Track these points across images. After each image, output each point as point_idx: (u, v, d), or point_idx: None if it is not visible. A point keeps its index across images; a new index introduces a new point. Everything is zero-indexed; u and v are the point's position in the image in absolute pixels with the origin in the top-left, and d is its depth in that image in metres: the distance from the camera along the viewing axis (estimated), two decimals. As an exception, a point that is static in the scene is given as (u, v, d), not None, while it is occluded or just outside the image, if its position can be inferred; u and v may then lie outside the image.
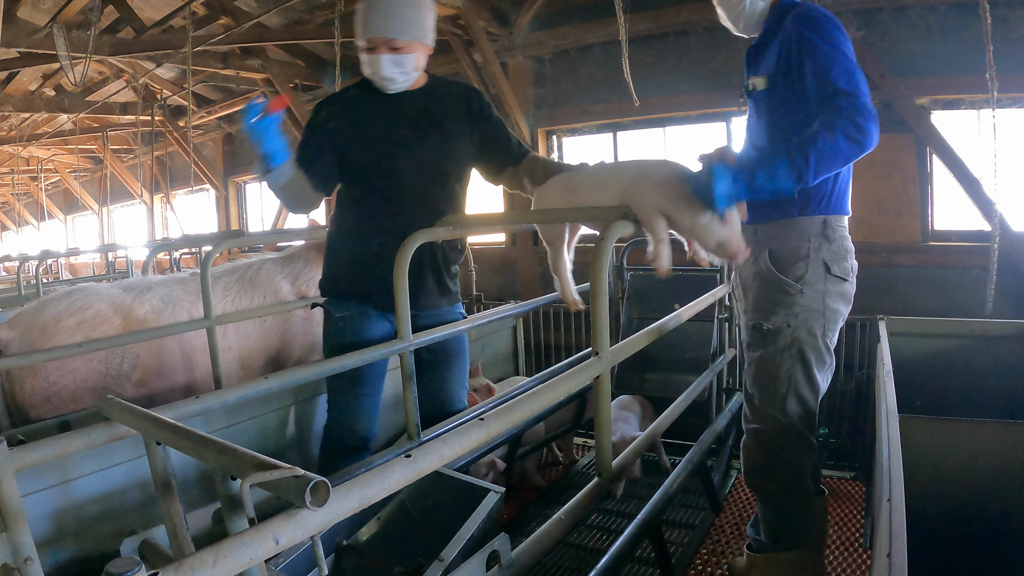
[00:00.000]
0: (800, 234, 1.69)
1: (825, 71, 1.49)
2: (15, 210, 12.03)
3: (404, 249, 1.78)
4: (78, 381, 2.29)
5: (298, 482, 0.70)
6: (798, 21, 1.57)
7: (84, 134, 8.20)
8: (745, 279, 1.84)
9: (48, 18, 4.67)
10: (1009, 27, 3.45)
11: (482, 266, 5.32)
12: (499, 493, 1.48)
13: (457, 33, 4.88)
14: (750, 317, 1.79)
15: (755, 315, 1.77)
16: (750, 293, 1.81)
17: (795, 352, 1.72)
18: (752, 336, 1.79)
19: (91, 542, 1.63)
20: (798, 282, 1.69)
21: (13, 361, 2.06)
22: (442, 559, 1.28)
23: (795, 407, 1.74)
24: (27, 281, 4.54)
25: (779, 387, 1.74)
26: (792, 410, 1.74)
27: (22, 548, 0.98)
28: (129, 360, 2.40)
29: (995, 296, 2.93)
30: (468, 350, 2.12)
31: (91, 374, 2.32)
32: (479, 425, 0.99)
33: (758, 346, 1.77)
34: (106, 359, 2.35)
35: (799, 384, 1.74)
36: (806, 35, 1.54)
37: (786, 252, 1.70)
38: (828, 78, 1.48)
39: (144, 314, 2.47)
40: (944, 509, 1.60)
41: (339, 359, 1.67)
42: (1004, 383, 2.20)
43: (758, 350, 1.77)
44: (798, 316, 1.70)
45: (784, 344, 1.72)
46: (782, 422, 1.75)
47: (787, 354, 1.72)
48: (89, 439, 1.15)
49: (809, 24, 1.55)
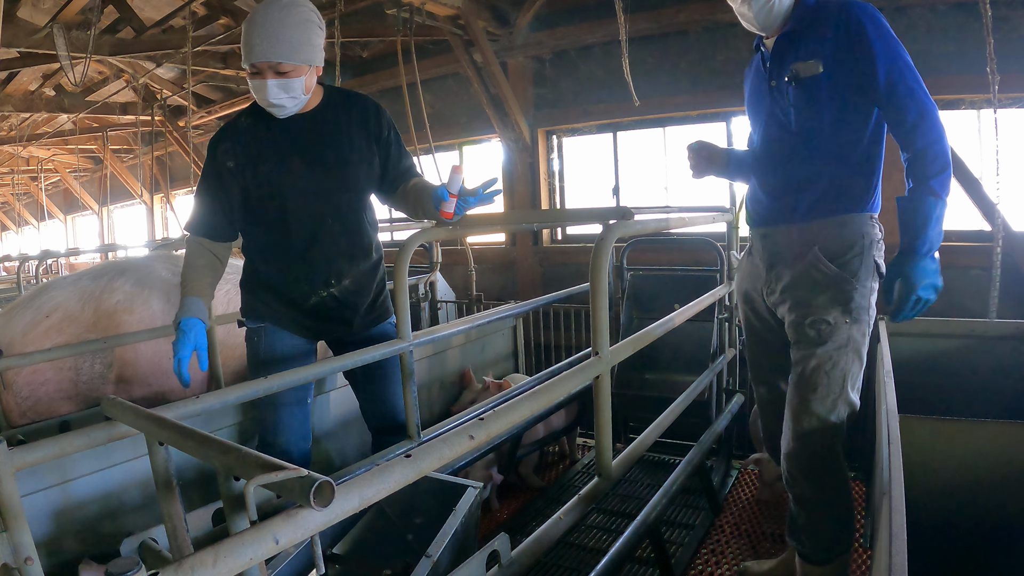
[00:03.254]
0: (854, 231, 1.65)
1: (899, 68, 1.50)
2: (15, 210, 12.03)
3: (404, 250, 1.79)
4: (52, 391, 2.23)
5: (303, 482, 0.70)
6: (854, 8, 1.56)
7: (84, 134, 8.20)
8: (791, 277, 1.73)
9: (48, 18, 4.67)
10: (1009, 27, 3.46)
11: (482, 266, 5.32)
12: (477, 488, 1.48)
13: (457, 33, 4.88)
14: (800, 315, 1.69)
15: (808, 312, 1.68)
16: (796, 292, 1.71)
17: (851, 351, 1.65)
18: (803, 334, 1.69)
19: (91, 542, 1.63)
20: (853, 279, 1.64)
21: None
22: (429, 555, 1.29)
23: (844, 408, 1.67)
24: (27, 281, 4.53)
25: (832, 387, 1.65)
26: (842, 411, 1.67)
27: (22, 548, 0.98)
28: (102, 360, 2.30)
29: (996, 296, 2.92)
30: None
31: (64, 382, 2.25)
32: (479, 425, 0.99)
33: (811, 344, 1.67)
34: (75, 365, 2.26)
35: (854, 383, 1.67)
36: (867, 25, 1.53)
37: (841, 249, 1.65)
38: (902, 75, 1.50)
39: (115, 304, 2.35)
40: (944, 509, 1.60)
41: (338, 359, 1.66)
42: (1004, 383, 2.20)
43: (811, 348, 1.67)
44: (852, 313, 1.64)
45: (841, 342, 1.65)
46: (833, 424, 1.66)
47: (843, 352, 1.65)
48: (89, 439, 1.15)
49: (868, 15, 1.54)
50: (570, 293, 3.01)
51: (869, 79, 1.53)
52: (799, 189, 1.69)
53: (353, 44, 5.75)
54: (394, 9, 4.24)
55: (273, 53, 1.56)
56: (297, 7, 1.59)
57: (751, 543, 2.35)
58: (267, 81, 1.59)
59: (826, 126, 1.63)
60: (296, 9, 1.58)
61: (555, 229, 5.52)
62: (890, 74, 1.50)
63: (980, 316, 2.50)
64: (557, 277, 5.26)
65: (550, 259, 5.47)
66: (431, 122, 4.86)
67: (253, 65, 1.59)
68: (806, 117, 1.65)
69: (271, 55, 1.56)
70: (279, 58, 1.57)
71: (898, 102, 1.50)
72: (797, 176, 1.69)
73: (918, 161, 1.49)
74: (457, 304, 4.30)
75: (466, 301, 4.27)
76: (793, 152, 1.70)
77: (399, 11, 4.26)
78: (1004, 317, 2.58)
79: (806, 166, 1.68)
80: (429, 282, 4.09)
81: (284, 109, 1.66)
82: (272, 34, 1.56)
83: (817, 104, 1.62)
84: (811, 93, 1.61)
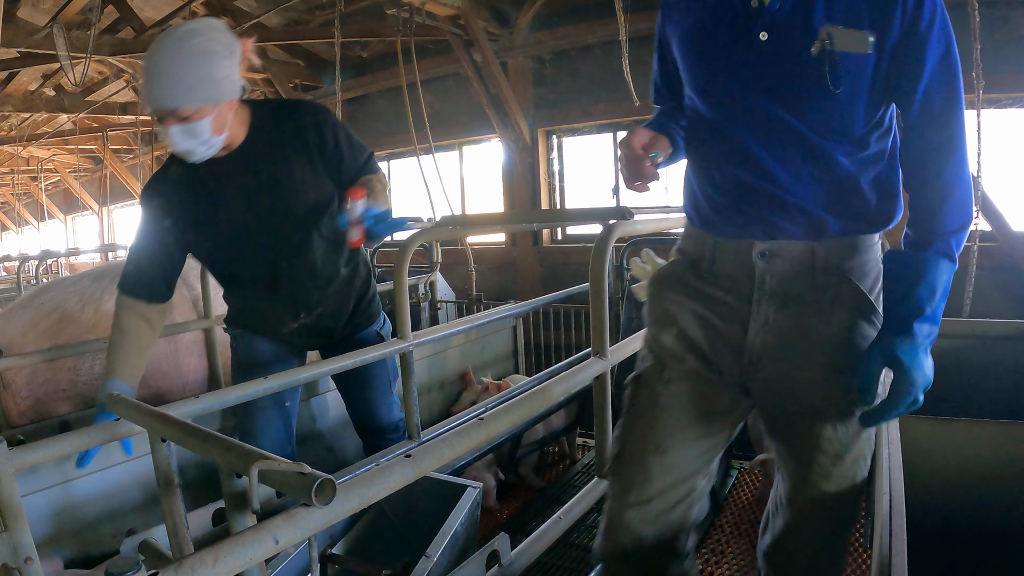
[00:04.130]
0: (872, 248, 1.11)
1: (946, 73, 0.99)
2: (15, 210, 12.03)
3: (404, 250, 1.79)
4: (51, 391, 2.24)
5: (305, 480, 0.70)
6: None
7: (84, 134, 8.21)
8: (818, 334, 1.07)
9: (48, 18, 4.67)
10: (1009, 27, 3.46)
11: (482, 266, 5.32)
12: (477, 488, 1.48)
13: (457, 33, 4.89)
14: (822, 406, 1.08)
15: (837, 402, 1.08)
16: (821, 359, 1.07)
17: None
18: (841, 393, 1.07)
19: (91, 542, 1.63)
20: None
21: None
22: (428, 555, 1.29)
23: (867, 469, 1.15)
24: (27, 281, 4.53)
25: (864, 447, 1.11)
26: (866, 473, 1.15)
27: (22, 548, 0.98)
28: (102, 361, 2.29)
29: (995, 296, 2.93)
30: (390, 365, 1.95)
31: (63, 382, 2.25)
32: (479, 425, 0.99)
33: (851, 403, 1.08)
34: (75, 365, 2.26)
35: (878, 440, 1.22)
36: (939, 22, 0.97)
37: (865, 275, 1.09)
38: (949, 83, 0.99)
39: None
40: (944, 509, 1.60)
41: (339, 359, 1.66)
42: (1004, 383, 2.20)
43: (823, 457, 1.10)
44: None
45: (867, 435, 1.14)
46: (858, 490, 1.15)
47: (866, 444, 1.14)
48: (89, 439, 1.15)
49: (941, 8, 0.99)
50: (570, 293, 3.01)
51: (906, 79, 1.00)
52: (838, 196, 1.05)
53: (353, 44, 5.75)
54: (394, 9, 4.25)
55: (167, 98, 1.35)
56: (193, 37, 1.36)
57: (751, 543, 2.35)
58: (170, 129, 1.39)
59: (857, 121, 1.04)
60: (191, 41, 1.36)
61: (555, 229, 5.52)
62: (932, 80, 0.98)
63: (980, 316, 2.50)
64: (557, 277, 5.26)
65: (550, 259, 5.48)
66: (431, 122, 4.86)
67: (152, 113, 1.40)
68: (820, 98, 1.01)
69: (166, 100, 1.36)
70: (175, 103, 1.36)
71: (930, 119, 1.01)
72: (830, 174, 1.05)
73: (934, 205, 1.02)
74: (457, 304, 4.30)
75: (466, 301, 4.27)
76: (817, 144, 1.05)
77: (399, 11, 4.26)
78: (1003, 316, 2.58)
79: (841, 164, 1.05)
80: (429, 282, 4.09)
81: (195, 155, 1.46)
82: (165, 75, 1.35)
83: (856, 76, 0.99)
84: (851, 78, 0.99)
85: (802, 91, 1.02)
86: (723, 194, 1.10)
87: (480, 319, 2.21)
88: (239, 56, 1.44)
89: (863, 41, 0.97)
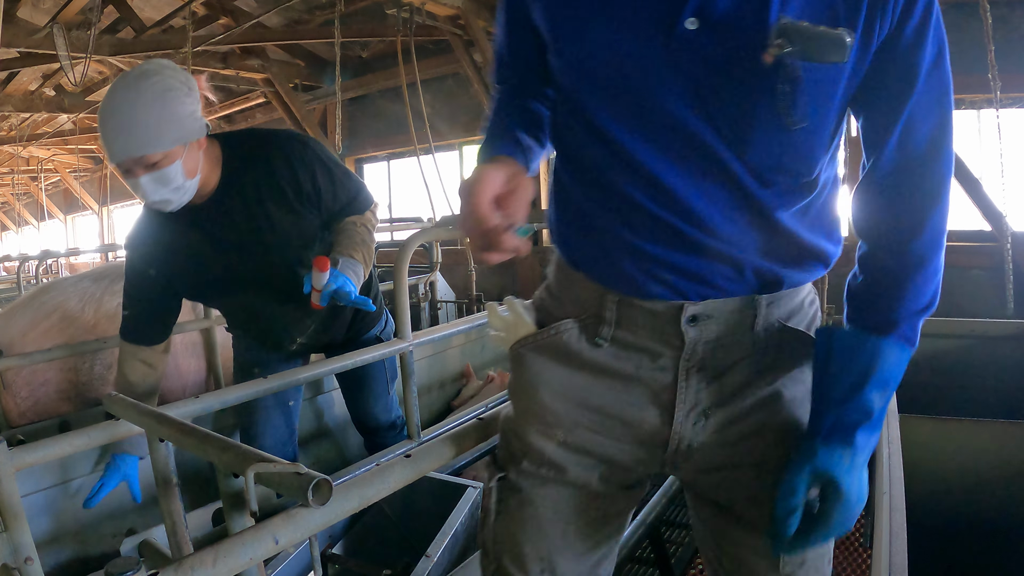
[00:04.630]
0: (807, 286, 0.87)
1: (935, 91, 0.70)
2: (15, 210, 12.03)
3: (404, 250, 1.79)
4: (51, 392, 2.24)
5: (301, 479, 0.70)
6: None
7: (84, 134, 8.20)
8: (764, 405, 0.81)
9: (48, 18, 4.67)
10: (1009, 27, 3.45)
11: (482, 266, 5.32)
12: (477, 488, 1.48)
13: (457, 33, 4.89)
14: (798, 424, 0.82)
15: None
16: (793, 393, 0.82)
17: None
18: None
19: (91, 542, 1.63)
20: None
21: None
22: (429, 555, 1.29)
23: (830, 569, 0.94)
24: (27, 281, 4.53)
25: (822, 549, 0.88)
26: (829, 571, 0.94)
27: (22, 548, 0.98)
28: (101, 361, 2.30)
29: (994, 296, 2.93)
30: (387, 365, 1.94)
31: (63, 383, 2.26)
32: (479, 425, 0.99)
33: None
34: (75, 365, 2.27)
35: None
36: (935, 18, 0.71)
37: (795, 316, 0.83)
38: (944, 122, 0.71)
39: (116, 306, 2.32)
40: (944, 509, 1.60)
41: (338, 359, 1.66)
42: (1004, 383, 2.21)
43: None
44: None
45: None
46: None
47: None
48: (89, 439, 1.15)
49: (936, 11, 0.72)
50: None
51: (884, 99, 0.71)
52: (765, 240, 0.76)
53: (353, 44, 5.75)
54: (394, 9, 4.25)
55: (132, 146, 1.26)
56: (148, 78, 1.28)
57: None
58: (139, 179, 1.30)
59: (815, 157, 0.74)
60: (147, 81, 1.27)
61: (555, 229, 5.52)
62: (919, 100, 0.70)
63: (980, 316, 2.50)
64: (557, 277, 5.25)
65: (550, 259, 5.48)
66: (431, 122, 4.86)
67: (117, 165, 1.30)
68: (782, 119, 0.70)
69: (131, 149, 1.27)
70: (141, 150, 1.27)
71: (912, 157, 0.71)
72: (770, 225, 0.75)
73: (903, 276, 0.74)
74: (457, 304, 4.29)
75: (466, 301, 4.26)
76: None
77: (399, 11, 4.26)
78: (1003, 316, 2.58)
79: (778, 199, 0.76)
80: (429, 282, 4.09)
81: (171, 204, 1.37)
82: (126, 123, 1.26)
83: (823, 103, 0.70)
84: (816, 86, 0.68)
85: (741, 116, 0.68)
86: (628, 231, 0.76)
87: (480, 319, 2.21)
88: (197, 93, 1.36)
89: (838, 44, 0.63)
